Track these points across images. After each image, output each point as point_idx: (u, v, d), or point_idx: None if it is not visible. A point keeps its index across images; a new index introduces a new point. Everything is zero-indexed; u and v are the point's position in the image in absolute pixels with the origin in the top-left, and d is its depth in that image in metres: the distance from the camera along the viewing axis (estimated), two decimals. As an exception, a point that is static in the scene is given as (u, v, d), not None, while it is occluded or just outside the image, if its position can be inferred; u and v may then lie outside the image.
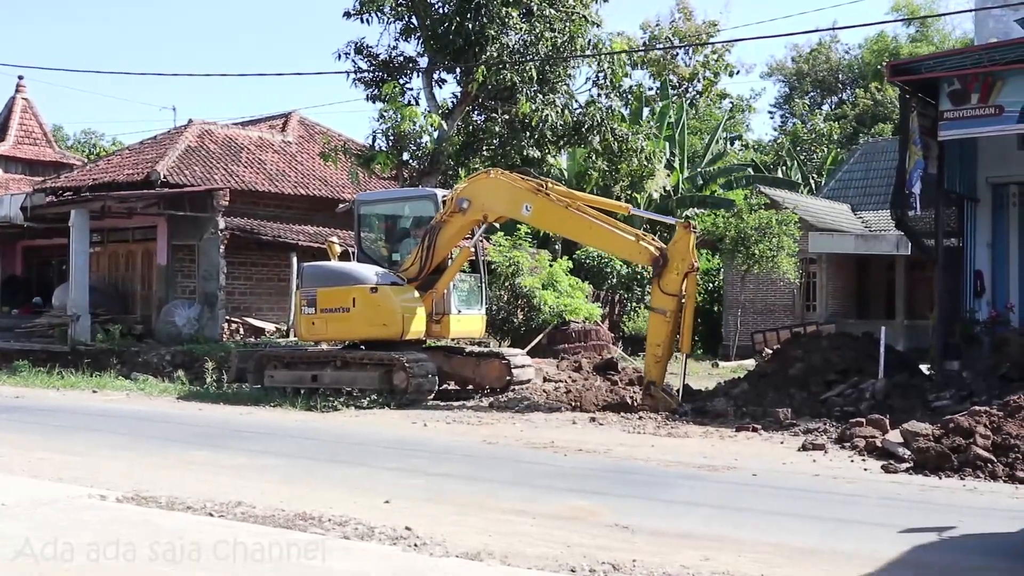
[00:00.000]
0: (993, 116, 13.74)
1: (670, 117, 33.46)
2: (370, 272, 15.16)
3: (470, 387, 15.91)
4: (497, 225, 18.42)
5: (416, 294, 14.96)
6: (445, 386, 15.75)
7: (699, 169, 33.74)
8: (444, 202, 15.08)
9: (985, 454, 9.14)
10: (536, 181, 14.70)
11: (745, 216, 24.63)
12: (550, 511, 7.45)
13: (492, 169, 16.13)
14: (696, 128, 36.75)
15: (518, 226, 24.99)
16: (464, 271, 16.01)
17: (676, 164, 33.52)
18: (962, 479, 8.90)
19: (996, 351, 13.48)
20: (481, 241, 16.52)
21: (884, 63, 30.43)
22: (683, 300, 13.69)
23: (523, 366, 15.58)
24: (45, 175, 29.61)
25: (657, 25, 44.05)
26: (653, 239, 14.76)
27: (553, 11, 20.55)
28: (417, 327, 14.89)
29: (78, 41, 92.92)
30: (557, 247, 28.81)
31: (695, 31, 42.66)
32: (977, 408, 10.10)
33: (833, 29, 44.74)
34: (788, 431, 11.75)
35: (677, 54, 42.09)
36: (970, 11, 28.42)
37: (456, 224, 14.94)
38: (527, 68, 20.30)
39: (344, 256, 16.29)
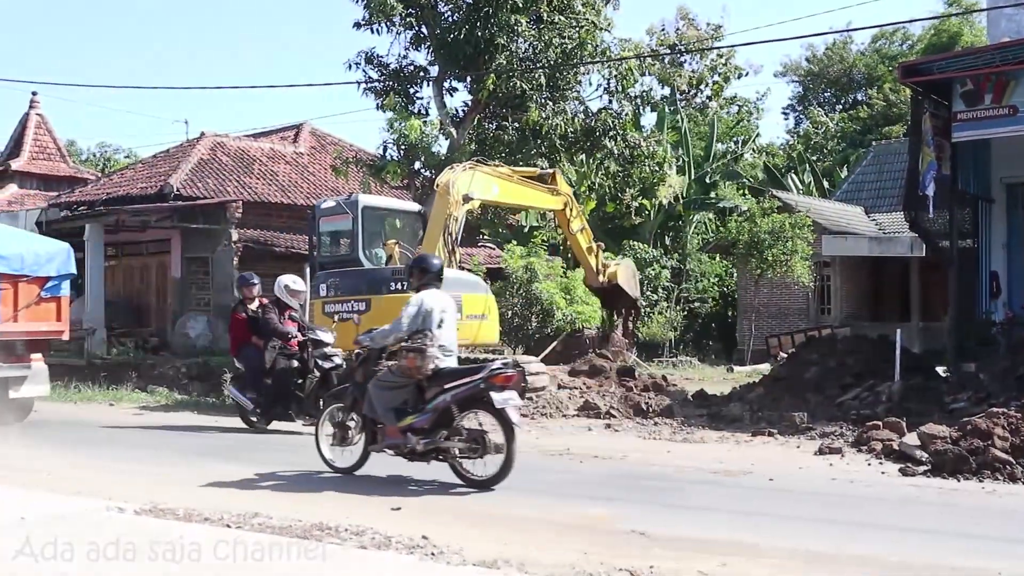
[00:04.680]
0: (1007, 116, 13.68)
1: (676, 122, 33.40)
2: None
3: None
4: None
5: None
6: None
7: (706, 169, 33.61)
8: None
9: (1004, 456, 9.08)
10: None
11: (758, 220, 24.57)
12: (566, 518, 7.43)
13: (467, 163, 16.15)
14: (703, 133, 36.63)
15: (534, 234, 24.96)
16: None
17: (683, 165, 33.41)
18: (980, 482, 8.84)
19: (1012, 352, 13.36)
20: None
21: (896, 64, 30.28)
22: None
23: (537, 373, 15.53)
24: (59, 190, 29.77)
25: (663, 30, 44.00)
26: (556, 189, 17.39)
27: (562, 17, 20.53)
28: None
29: (90, 56, 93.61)
30: (569, 256, 28.75)
31: (699, 37, 42.51)
32: (995, 410, 10.04)
33: (847, 31, 44.57)
34: (804, 435, 11.71)
35: (685, 61, 41.99)
36: (983, 11, 28.35)
37: (462, 217, 15.04)
38: (537, 75, 20.30)
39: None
